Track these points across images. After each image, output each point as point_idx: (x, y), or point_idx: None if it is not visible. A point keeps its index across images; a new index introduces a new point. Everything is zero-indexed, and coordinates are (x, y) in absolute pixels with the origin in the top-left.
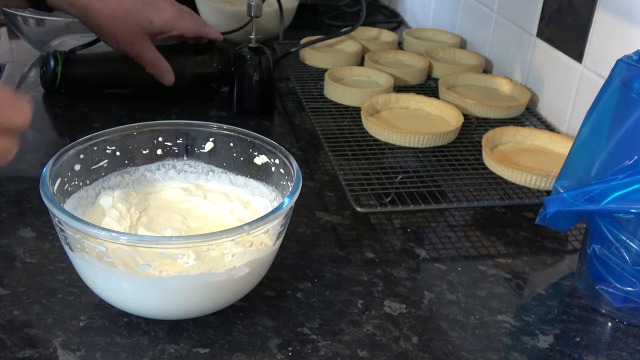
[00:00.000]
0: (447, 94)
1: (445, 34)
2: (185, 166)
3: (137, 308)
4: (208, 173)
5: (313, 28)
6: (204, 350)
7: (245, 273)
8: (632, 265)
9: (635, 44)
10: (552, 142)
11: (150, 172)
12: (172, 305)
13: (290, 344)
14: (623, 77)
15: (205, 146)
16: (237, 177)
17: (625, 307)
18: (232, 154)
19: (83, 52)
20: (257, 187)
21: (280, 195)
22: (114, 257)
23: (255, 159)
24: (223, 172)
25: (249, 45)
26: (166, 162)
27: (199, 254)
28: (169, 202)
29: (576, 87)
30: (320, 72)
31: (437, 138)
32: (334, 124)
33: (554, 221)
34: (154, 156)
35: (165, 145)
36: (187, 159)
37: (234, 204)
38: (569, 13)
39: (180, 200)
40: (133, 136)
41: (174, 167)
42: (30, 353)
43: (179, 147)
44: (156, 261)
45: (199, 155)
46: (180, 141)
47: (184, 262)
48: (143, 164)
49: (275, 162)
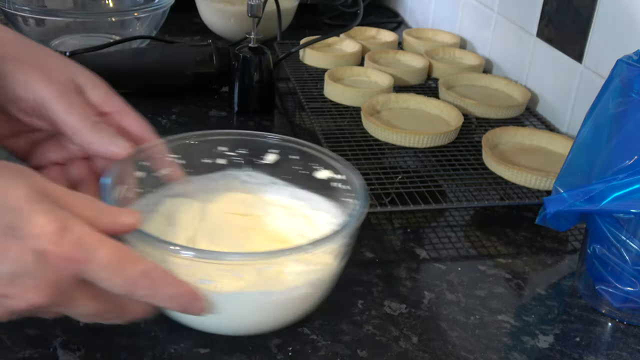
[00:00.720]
0: (447, 94)
1: (445, 34)
2: (247, 177)
3: (192, 321)
4: (269, 185)
5: (313, 28)
6: (204, 350)
7: (306, 293)
8: (632, 265)
9: (635, 44)
10: (552, 142)
11: (212, 182)
12: (229, 321)
13: (290, 344)
14: (623, 77)
15: (268, 157)
16: (298, 191)
17: (625, 307)
18: (294, 167)
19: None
20: (318, 202)
21: (343, 212)
22: (173, 270)
23: (316, 173)
24: (285, 184)
25: (249, 45)
26: (228, 172)
27: (260, 272)
28: (230, 213)
29: (576, 87)
30: (320, 72)
31: (437, 138)
32: (334, 124)
33: (553, 221)
34: (215, 166)
35: (228, 155)
36: (249, 170)
37: (295, 218)
38: (569, 13)
39: (240, 211)
40: (195, 145)
41: (235, 177)
42: (30, 353)
43: (241, 158)
44: (216, 277)
45: (261, 167)
46: (243, 151)
47: (245, 279)
48: (204, 173)
49: (339, 177)
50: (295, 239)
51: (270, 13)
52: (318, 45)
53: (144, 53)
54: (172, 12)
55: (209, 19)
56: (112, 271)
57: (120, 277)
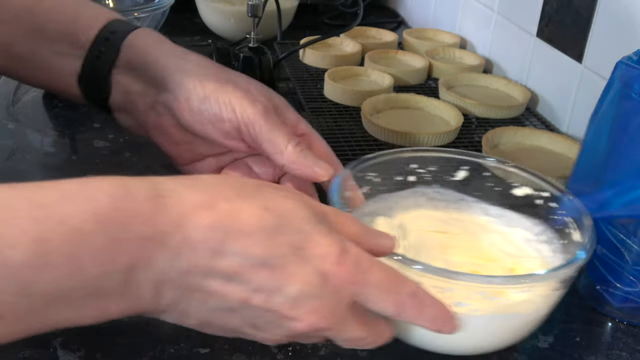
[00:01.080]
0: (447, 94)
1: (445, 34)
2: (435, 194)
3: (431, 343)
4: (458, 202)
5: (313, 28)
6: (204, 350)
7: (541, 314)
8: (633, 265)
9: (635, 44)
10: (552, 142)
11: (402, 199)
12: (470, 342)
13: (291, 344)
14: (623, 79)
15: (457, 174)
16: (490, 207)
17: (625, 307)
18: (486, 184)
19: None
20: (515, 219)
21: (549, 229)
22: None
23: (514, 190)
24: (475, 201)
25: (249, 45)
26: (417, 189)
27: (508, 295)
28: (427, 231)
29: (576, 87)
30: (320, 72)
31: (437, 138)
32: (334, 124)
33: None
34: (405, 183)
35: (418, 172)
36: (437, 187)
37: (493, 236)
38: (569, 13)
39: (436, 229)
40: (389, 162)
41: (423, 194)
42: (30, 353)
43: (430, 175)
44: (471, 299)
45: (450, 184)
46: (433, 168)
47: (494, 301)
48: (395, 190)
49: (543, 194)
50: (500, 257)
51: (270, 13)
52: (318, 45)
53: None
54: (172, 12)
55: (209, 19)
56: (385, 292)
57: (391, 298)
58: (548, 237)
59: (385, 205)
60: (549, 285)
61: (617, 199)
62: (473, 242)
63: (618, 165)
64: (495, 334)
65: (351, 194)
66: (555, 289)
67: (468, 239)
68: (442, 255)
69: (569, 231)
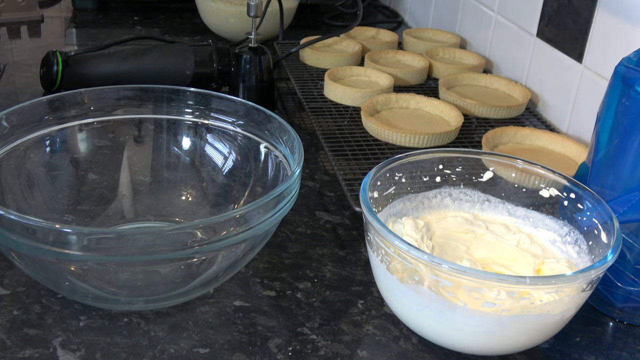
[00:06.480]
0: (447, 94)
1: (445, 34)
2: (461, 194)
3: (465, 344)
4: (484, 202)
5: (313, 28)
6: (204, 350)
7: (568, 315)
8: (634, 264)
9: (635, 44)
10: (552, 142)
11: (428, 200)
12: (495, 343)
13: (290, 344)
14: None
15: (484, 175)
16: (515, 208)
17: (626, 306)
18: (512, 185)
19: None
20: (541, 220)
21: (574, 230)
22: (457, 292)
23: (541, 191)
24: (500, 202)
25: (249, 45)
26: (443, 189)
27: (537, 296)
28: (452, 232)
29: (576, 87)
30: (320, 72)
31: (437, 138)
32: (334, 124)
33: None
34: (432, 183)
35: (445, 172)
36: (463, 188)
37: (519, 236)
38: (569, 13)
39: (462, 230)
40: (416, 163)
41: (449, 195)
42: (30, 353)
43: (457, 175)
44: (500, 300)
45: (476, 184)
46: (459, 169)
47: (525, 302)
48: (422, 190)
49: (569, 196)
50: (525, 258)
51: (270, 13)
52: (318, 45)
53: (144, 53)
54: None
55: (209, 19)
56: None
57: None
58: (573, 239)
59: (411, 205)
60: (577, 286)
61: (626, 204)
62: (498, 242)
63: (626, 169)
64: (523, 334)
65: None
66: (582, 289)
67: (493, 239)
68: (467, 256)
69: (596, 232)
